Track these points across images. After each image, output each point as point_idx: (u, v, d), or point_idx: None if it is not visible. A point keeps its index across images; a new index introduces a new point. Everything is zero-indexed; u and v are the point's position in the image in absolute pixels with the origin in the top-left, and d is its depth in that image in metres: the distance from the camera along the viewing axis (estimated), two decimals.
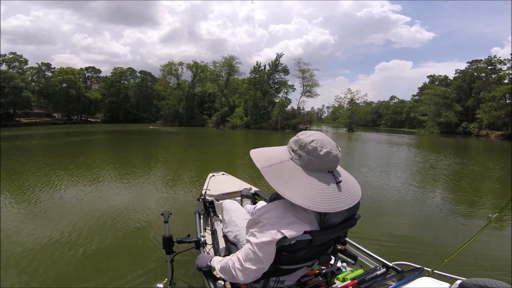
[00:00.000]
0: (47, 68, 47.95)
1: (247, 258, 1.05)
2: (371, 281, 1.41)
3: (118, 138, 19.07)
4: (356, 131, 40.37)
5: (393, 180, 6.64)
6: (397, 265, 1.53)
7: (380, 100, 78.59)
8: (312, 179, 1.02)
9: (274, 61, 37.15)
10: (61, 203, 4.30)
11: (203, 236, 2.05)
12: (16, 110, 38.97)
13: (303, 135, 1.08)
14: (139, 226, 3.43)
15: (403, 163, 10.25)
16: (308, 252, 1.11)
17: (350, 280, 1.42)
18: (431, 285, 1.05)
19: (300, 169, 1.05)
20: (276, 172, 1.04)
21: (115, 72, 52.98)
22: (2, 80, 35.49)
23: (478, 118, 37.71)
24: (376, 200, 4.90)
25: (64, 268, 2.48)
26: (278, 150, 1.15)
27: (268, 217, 1.02)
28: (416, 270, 1.39)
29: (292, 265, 1.16)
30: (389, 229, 3.60)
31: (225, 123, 36.35)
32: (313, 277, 1.41)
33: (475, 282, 0.86)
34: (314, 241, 1.01)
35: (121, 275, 2.38)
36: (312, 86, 36.80)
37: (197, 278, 2.18)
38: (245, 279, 1.09)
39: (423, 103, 47.36)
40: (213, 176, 3.34)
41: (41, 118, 43.68)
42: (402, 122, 65.60)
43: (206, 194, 2.65)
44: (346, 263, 1.75)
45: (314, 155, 1.03)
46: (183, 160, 9.35)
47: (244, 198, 2.45)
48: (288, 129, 33.21)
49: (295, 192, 0.99)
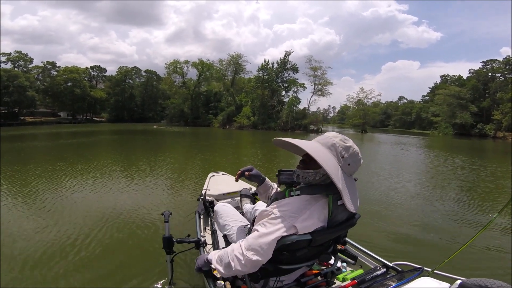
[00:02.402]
0: (52, 67, 47.62)
1: (250, 248, 1.04)
2: (371, 281, 1.39)
3: (122, 138, 18.51)
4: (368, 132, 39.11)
5: (405, 184, 6.45)
6: (397, 265, 1.52)
7: (388, 101, 76.91)
8: (351, 184, 1.10)
9: (283, 59, 35.83)
10: (61, 203, 4.24)
11: (203, 236, 2.05)
12: (20, 109, 38.59)
13: (347, 141, 1.11)
14: (139, 226, 3.40)
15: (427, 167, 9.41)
16: (308, 252, 1.13)
17: (350, 280, 1.40)
18: (431, 285, 1.05)
19: (345, 175, 1.09)
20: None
21: (121, 71, 52.60)
22: (7, 79, 35.14)
23: (495, 120, 36.28)
24: (378, 201, 4.89)
25: (64, 268, 2.44)
26: (326, 155, 1.10)
27: (284, 210, 1.04)
28: (416, 270, 1.39)
29: (292, 265, 1.17)
30: (389, 229, 3.60)
31: (232, 123, 35.21)
32: (313, 277, 1.38)
33: (475, 282, 0.86)
34: (314, 241, 1.04)
35: (121, 275, 2.37)
36: (324, 85, 35.22)
37: (197, 278, 2.16)
38: (240, 268, 1.06)
39: (435, 104, 46.00)
40: (213, 176, 3.34)
41: (46, 117, 43.35)
42: (412, 122, 64.45)
43: (206, 194, 2.65)
44: (346, 263, 1.73)
45: (358, 164, 1.12)
46: (184, 161, 9.19)
47: (244, 198, 2.37)
48: (298, 129, 32.00)
49: (347, 196, 1.06)
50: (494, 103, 39.38)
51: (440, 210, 4.54)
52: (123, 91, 51.52)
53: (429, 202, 4.99)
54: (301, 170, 1.17)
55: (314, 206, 1.04)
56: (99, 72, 55.24)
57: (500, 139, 33.88)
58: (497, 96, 38.58)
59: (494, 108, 38.60)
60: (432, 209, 4.56)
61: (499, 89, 38.68)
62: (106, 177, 6.00)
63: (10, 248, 2.74)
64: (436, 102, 45.09)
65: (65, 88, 43.36)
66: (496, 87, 39.54)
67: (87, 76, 51.81)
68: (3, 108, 36.40)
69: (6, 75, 35.61)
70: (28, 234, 3.09)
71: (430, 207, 4.69)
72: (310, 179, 1.14)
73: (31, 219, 3.58)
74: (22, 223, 3.43)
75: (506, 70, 39.21)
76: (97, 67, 54.95)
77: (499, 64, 40.59)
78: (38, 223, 3.41)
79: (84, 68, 51.23)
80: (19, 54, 42.55)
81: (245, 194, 2.45)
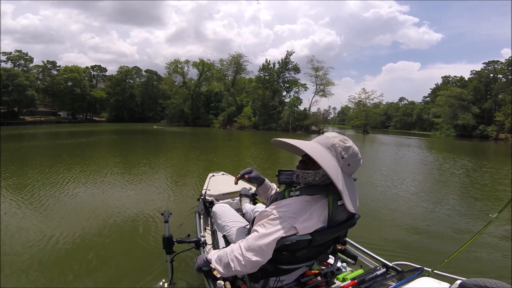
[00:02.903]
0: (52, 66, 47.44)
1: (250, 248, 1.03)
2: (371, 281, 1.38)
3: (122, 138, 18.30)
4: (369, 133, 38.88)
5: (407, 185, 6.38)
6: (397, 265, 1.52)
7: (389, 102, 76.67)
8: (351, 185, 1.10)
9: (284, 59, 35.61)
10: (61, 203, 4.22)
11: (203, 236, 2.05)
12: (20, 108, 38.38)
13: (347, 142, 1.10)
14: (139, 226, 3.38)
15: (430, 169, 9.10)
16: (308, 252, 1.12)
17: (350, 280, 1.39)
18: (431, 285, 1.05)
19: (345, 177, 1.08)
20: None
21: (121, 70, 52.40)
22: (6, 78, 34.91)
23: (497, 121, 36.07)
24: (378, 201, 4.87)
25: (64, 267, 2.44)
26: (326, 155, 1.09)
27: (284, 211, 1.04)
28: (416, 270, 1.38)
29: (292, 265, 1.16)
30: (389, 229, 3.59)
31: (232, 123, 34.95)
32: (313, 277, 1.38)
33: (475, 282, 0.86)
34: (314, 241, 1.04)
35: (121, 275, 2.37)
36: (327, 85, 34.88)
37: (197, 278, 2.18)
38: (240, 269, 1.05)
39: (436, 105, 45.80)
40: (213, 176, 3.34)
41: (46, 117, 43.11)
42: (412, 124, 64.27)
43: (206, 194, 2.65)
44: (346, 263, 1.73)
45: (358, 164, 1.10)
46: (184, 162, 9.08)
47: (243, 198, 2.35)
48: (300, 130, 31.78)
49: (347, 198, 1.05)
50: (496, 104, 39.20)
51: (441, 210, 4.53)
52: (123, 91, 51.30)
53: (430, 202, 4.98)
54: (301, 171, 1.16)
55: (314, 206, 1.04)
56: (99, 71, 55.03)
57: (502, 140, 33.68)
58: (499, 98, 38.40)
59: (496, 110, 38.41)
60: (432, 209, 4.56)
61: (501, 90, 38.51)
62: (105, 178, 5.92)
63: (9, 248, 2.73)
64: (438, 103, 44.86)
65: (65, 87, 43.14)
66: (498, 88, 39.36)
67: (87, 76, 51.58)
68: (3, 108, 36.21)
69: (6, 74, 35.40)
70: (28, 234, 3.06)
71: (430, 207, 4.68)
72: (309, 180, 1.13)
73: (30, 218, 3.55)
74: (20, 223, 3.38)
75: (508, 71, 38.98)
76: (97, 67, 54.73)
77: (501, 65, 40.38)
78: (37, 224, 3.39)
79: (85, 68, 51.06)
80: (19, 53, 42.38)
81: (244, 193, 2.44)
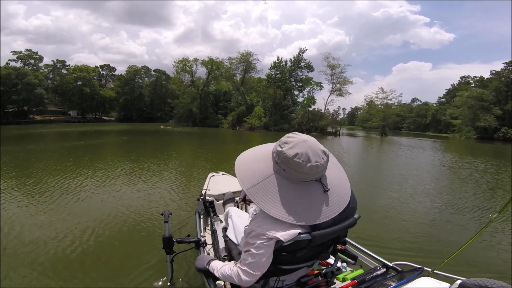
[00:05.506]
0: (62, 65, 47.48)
1: (249, 267, 1.06)
2: (371, 281, 1.39)
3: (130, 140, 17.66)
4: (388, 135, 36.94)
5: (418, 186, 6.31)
6: (397, 265, 1.52)
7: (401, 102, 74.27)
8: (297, 192, 1.03)
9: (297, 57, 34.22)
10: (61, 203, 4.21)
11: (203, 236, 2.05)
12: (30, 107, 38.29)
13: (286, 147, 1.01)
14: (139, 226, 3.36)
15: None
16: (308, 252, 1.13)
17: (350, 280, 1.40)
18: (431, 285, 1.05)
19: (285, 182, 1.04)
20: (261, 191, 1.03)
21: (130, 70, 52.17)
22: (15, 77, 34.78)
23: None
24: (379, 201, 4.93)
25: (64, 267, 2.41)
26: (263, 159, 1.10)
27: (261, 225, 1.03)
28: (416, 270, 1.38)
29: (292, 265, 1.17)
30: (390, 229, 3.59)
31: (242, 123, 33.74)
32: (313, 277, 1.38)
33: (475, 282, 0.86)
34: (314, 240, 1.03)
35: (121, 275, 2.33)
36: (344, 84, 33.13)
37: (197, 278, 2.16)
38: (248, 283, 1.09)
39: (453, 106, 43.85)
40: (213, 176, 3.35)
41: (55, 116, 42.97)
42: (427, 125, 62.05)
43: (206, 194, 2.65)
44: (346, 263, 1.72)
45: (298, 170, 1.00)
46: (187, 163, 8.94)
47: (228, 202, 2.32)
48: (314, 131, 30.35)
49: (279, 207, 1.00)
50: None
51: (440, 210, 4.55)
52: (132, 90, 51.04)
53: (432, 202, 4.98)
54: None
55: None
56: (108, 71, 54.93)
57: None
58: None
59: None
60: (433, 209, 4.57)
61: None
62: (106, 179, 5.85)
63: (10, 248, 2.71)
64: (455, 104, 42.94)
65: (74, 86, 42.96)
66: None
67: (97, 75, 51.46)
68: (12, 107, 36.14)
69: (15, 73, 35.29)
70: (27, 233, 3.06)
71: (431, 206, 4.69)
72: None
73: (30, 218, 3.52)
74: (21, 222, 3.36)
75: None
76: (106, 66, 54.61)
77: None
78: (37, 223, 3.35)
79: (94, 67, 50.93)
80: (29, 52, 42.43)
81: (228, 198, 2.38)
